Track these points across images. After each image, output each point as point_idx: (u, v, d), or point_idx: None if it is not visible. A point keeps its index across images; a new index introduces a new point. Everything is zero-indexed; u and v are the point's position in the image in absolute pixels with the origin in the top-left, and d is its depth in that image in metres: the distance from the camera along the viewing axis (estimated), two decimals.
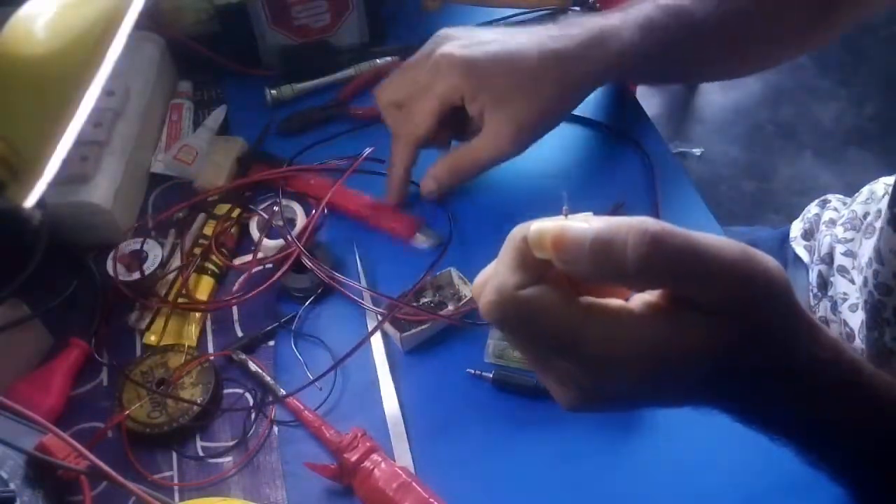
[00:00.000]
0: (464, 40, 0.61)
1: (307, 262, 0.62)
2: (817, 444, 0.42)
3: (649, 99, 2.00)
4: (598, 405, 0.38)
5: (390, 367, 0.59)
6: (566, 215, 0.34)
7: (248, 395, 0.59)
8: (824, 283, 0.73)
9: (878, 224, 0.62)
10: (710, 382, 0.36)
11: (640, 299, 0.35)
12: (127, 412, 0.56)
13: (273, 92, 0.78)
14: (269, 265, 0.64)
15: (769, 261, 0.34)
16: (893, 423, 0.40)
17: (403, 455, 0.54)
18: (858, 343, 0.66)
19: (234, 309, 0.63)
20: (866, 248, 0.66)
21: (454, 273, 0.61)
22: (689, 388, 0.37)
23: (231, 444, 0.56)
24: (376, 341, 0.60)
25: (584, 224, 0.32)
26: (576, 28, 0.62)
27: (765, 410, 0.39)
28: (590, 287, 0.35)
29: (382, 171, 0.68)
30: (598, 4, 0.82)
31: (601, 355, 0.33)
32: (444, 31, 0.62)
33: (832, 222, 0.76)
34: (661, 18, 0.63)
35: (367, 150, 0.68)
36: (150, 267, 0.63)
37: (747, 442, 0.42)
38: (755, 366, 0.36)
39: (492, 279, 0.34)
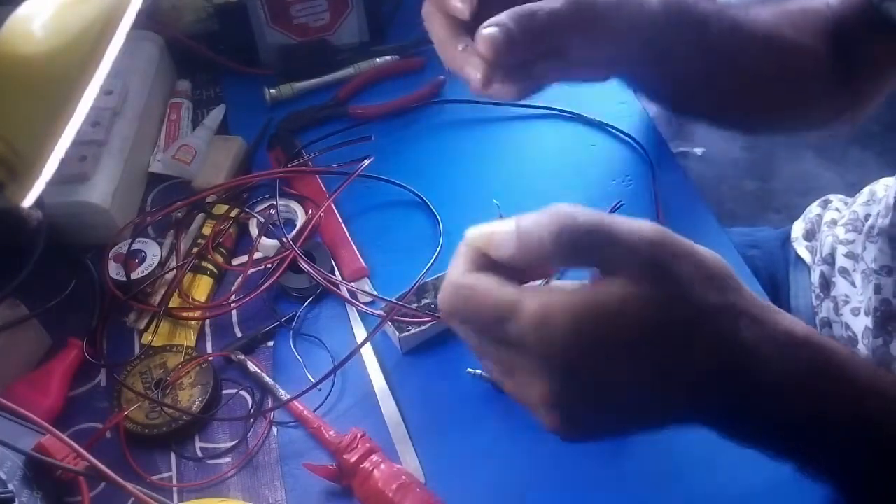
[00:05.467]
0: None
1: (303, 266, 0.61)
2: (805, 446, 0.40)
3: None
4: (570, 410, 0.38)
5: (390, 368, 0.59)
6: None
7: (246, 395, 0.59)
8: (826, 284, 0.73)
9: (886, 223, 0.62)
10: (669, 389, 0.37)
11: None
12: (125, 413, 0.55)
13: (272, 91, 0.77)
14: (269, 265, 0.64)
15: (695, 247, 0.37)
16: (874, 403, 0.39)
17: (408, 456, 0.54)
18: (862, 348, 0.65)
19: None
20: (872, 253, 0.65)
21: None
22: (652, 393, 0.38)
23: (230, 444, 0.56)
24: (367, 346, 0.59)
25: (511, 222, 0.38)
26: None
27: (739, 413, 0.39)
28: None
29: (379, 178, 0.69)
30: None
31: (537, 326, 0.35)
32: None
33: (834, 223, 0.75)
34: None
35: (367, 161, 0.67)
36: (148, 267, 0.63)
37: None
38: (706, 361, 0.36)
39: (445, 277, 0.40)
